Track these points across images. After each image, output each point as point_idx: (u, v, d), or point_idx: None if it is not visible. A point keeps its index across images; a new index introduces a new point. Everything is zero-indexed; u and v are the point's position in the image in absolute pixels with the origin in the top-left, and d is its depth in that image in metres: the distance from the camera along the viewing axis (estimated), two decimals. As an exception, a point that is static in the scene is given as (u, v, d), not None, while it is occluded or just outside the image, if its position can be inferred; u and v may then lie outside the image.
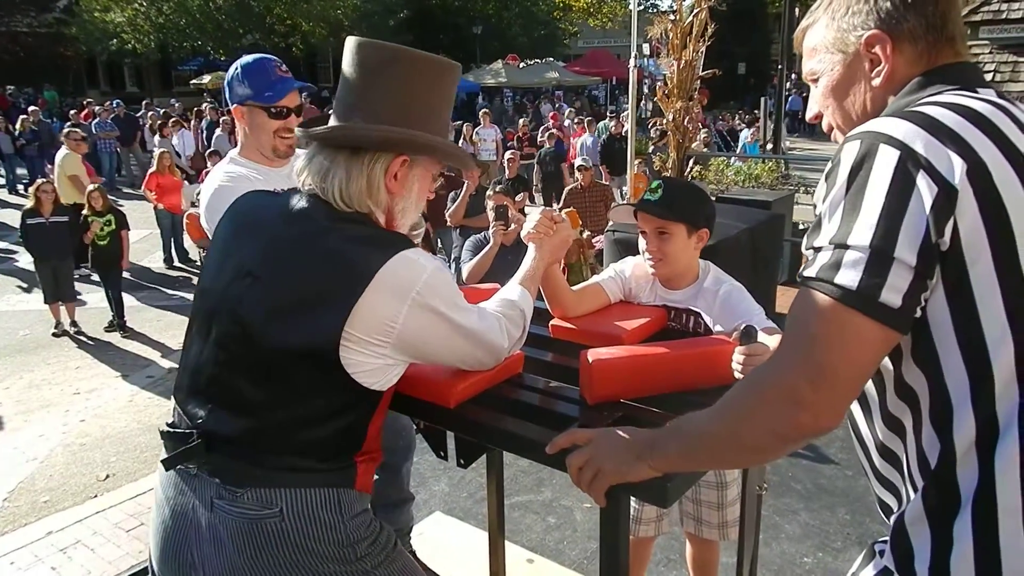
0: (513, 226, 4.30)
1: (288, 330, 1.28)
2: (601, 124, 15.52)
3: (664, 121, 5.20)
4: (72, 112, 17.13)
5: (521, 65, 26.41)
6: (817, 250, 0.92)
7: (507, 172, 8.74)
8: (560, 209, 1.89)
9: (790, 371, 0.92)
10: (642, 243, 2.06)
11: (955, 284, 0.88)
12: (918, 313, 0.90)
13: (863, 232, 0.87)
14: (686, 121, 5.10)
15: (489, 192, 4.85)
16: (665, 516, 2.36)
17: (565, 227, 1.75)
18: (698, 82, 5.07)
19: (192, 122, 15.66)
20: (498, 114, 20.01)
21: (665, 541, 2.99)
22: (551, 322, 1.93)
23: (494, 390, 1.60)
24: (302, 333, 1.27)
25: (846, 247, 0.88)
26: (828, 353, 0.89)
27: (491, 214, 4.28)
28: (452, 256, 6.97)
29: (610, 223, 6.78)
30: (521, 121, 15.38)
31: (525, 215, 5.99)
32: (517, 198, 6.95)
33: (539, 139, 14.07)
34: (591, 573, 2.53)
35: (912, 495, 0.98)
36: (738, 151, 12.13)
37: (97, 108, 16.39)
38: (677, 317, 2.03)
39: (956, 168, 0.86)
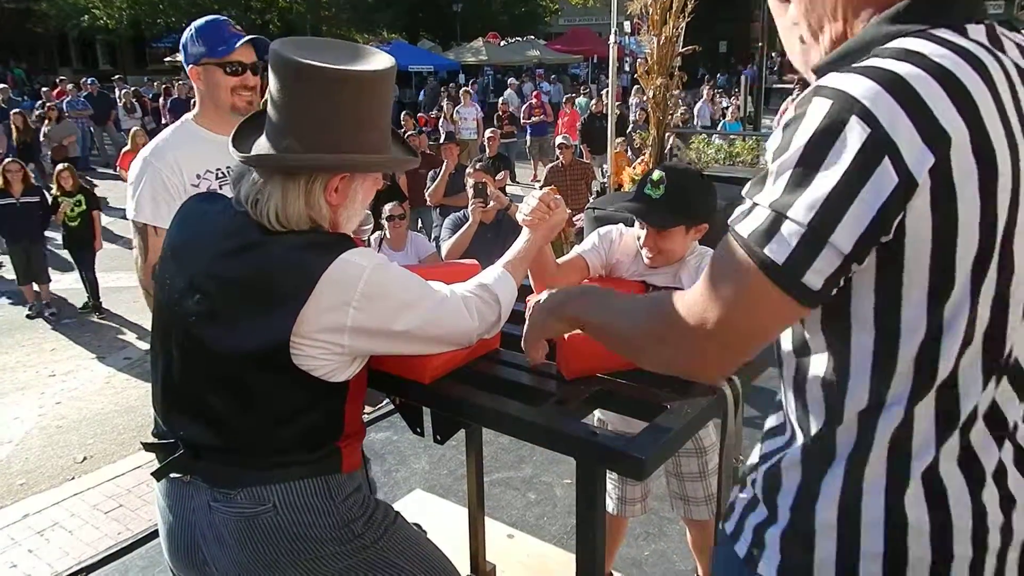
0: (492, 203, 4.28)
1: (238, 339, 1.30)
2: (581, 101, 15.46)
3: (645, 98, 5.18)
4: (44, 90, 16.78)
5: (502, 43, 26.18)
6: (754, 204, 0.88)
7: (488, 150, 8.70)
8: (541, 188, 1.86)
9: (694, 321, 0.93)
10: (638, 229, 2.02)
11: (888, 274, 0.87)
12: (834, 292, 0.89)
13: (805, 208, 0.82)
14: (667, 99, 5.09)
15: (469, 169, 4.82)
16: (648, 494, 2.38)
17: (560, 211, 1.73)
18: (678, 58, 5.06)
19: (160, 100, 15.37)
20: (432, 96, 19.48)
21: (644, 515, 3.02)
22: (528, 297, 1.92)
23: (470, 366, 1.59)
24: (252, 340, 1.29)
25: (784, 217, 0.84)
26: (734, 315, 0.90)
27: (470, 191, 4.26)
28: (432, 235, 6.95)
29: (590, 201, 6.78)
30: (501, 100, 15.28)
31: (505, 192, 5.97)
32: (498, 176, 6.92)
33: (522, 119, 14.00)
34: (571, 548, 2.54)
35: (790, 443, 1.02)
36: (719, 128, 12.16)
37: (70, 86, 16.05)
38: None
39: (925, 161, 0.80)
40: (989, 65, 0.86)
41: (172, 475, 1.41)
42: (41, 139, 12.41)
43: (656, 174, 1.96)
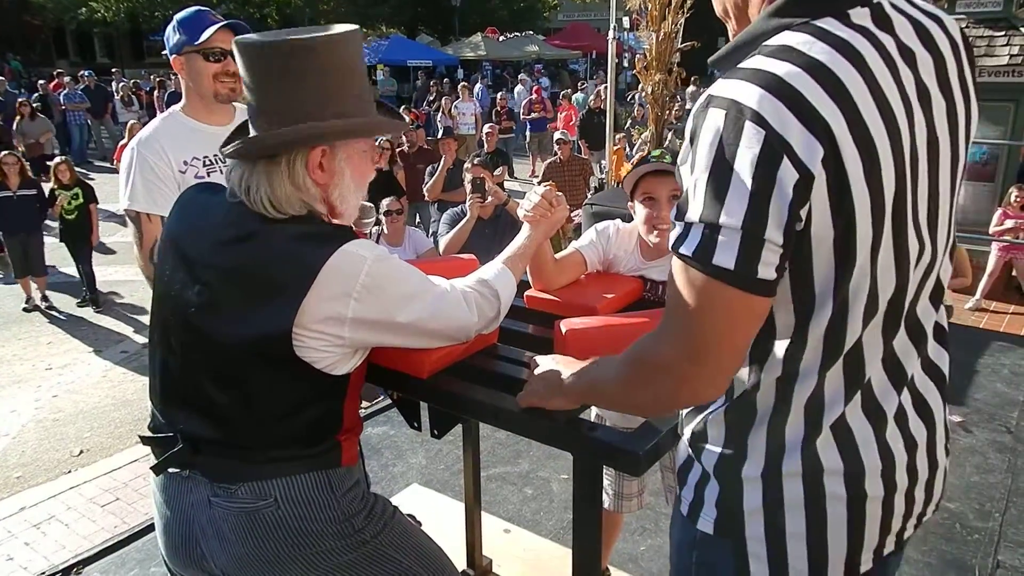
0: (490, 198, 4.28)
1: (239, 329, 1.29)
2: (579, 96, 15.44)
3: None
4: (41, 83, 16.72)
5: (500, 38, 26.14)
6: (688, 224, 0.92)
7: (486, 146, 8.69)
8: (539, 183, 1.87)
9: (671, 350, 0.96)
10: (642, 212, 2.01)
11: (800, 259, 0.93)
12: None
13: (733, 214, 0.87)
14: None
15: (467, 165, 4.82)
16: (646, 489, 2.38)
17: (562, 209, 1.73)
18: (677, 54, 5.06)
19: (156, 93, 15.29)
20: (423, 91, 19.30)
21: (640, 510, 3.03)
22: (526, 293, 1.92)
23: (468, 361, 1.59)
24: (253, 331, 1.28)
25: (718, 227, 0.88)
26: (708, 332, 0.92)
27: (468, 187, 4.25)
28: (430, 231, 6.94)
29: (588, 197, 6.77)
30: (499, 95, 15.25)
31: (503, 188, 5.95)
32: (496, 171, 6.91)
33: (522, 115, 13.98)
34: (567, 543, 2.55)
35: (713, 404, 1.09)
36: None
37: (67, 79, 15.99)
38: (653, 288, 2.03)
39: (816, 154, 0.85)
40: (865, 52, 0.92)
41: (170, 470, 1.40)
42: (15, 136, 11.93)
43: (656, 151, 2.03)
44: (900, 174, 0.93)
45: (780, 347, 1.00)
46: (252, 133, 1.35)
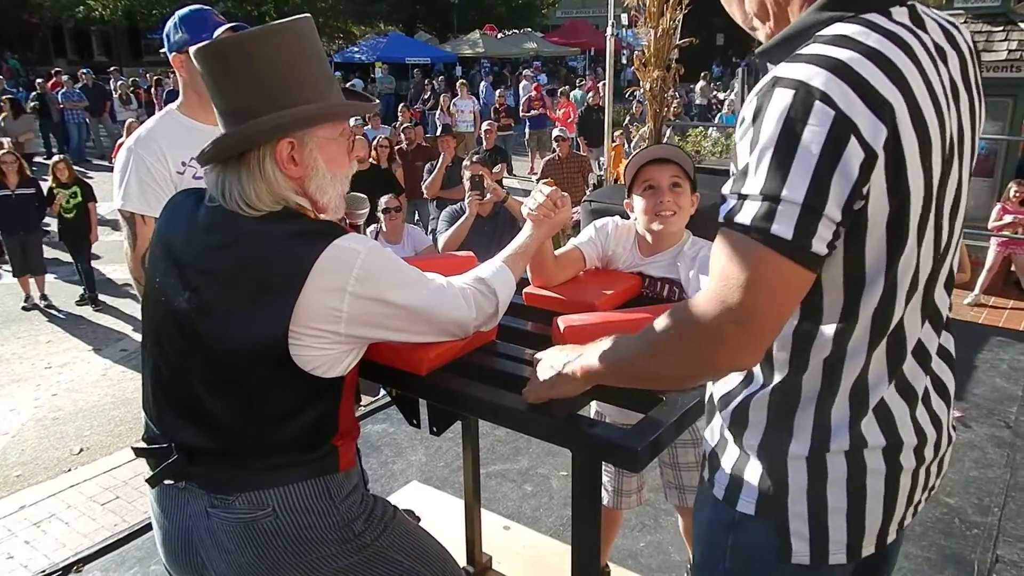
0: (489, 195, 4.28)
1: (234, 334, 1.27)
2: (577, 94, 15.44)
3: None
4: (39, 81, 16.70)
5: (499, 35, 26.12)
6: (743, 197, 0.95)
7: (484, 143, 8.69)
8: (538, 180, 1.87)
9: (717, 312, 0.96)
10: (642, 203, 2.01)
11: (854, 239, 0.97)
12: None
13: (795, 188, 0.90)
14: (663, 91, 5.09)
15: (465, 162, 4.82)
16: (645, 486, 2.38)
17: (566, 210, 1.73)
18: (675, 51, 5.05)
19: (153, 91, 15.27)
20: (418, 89, 19.15)
21: (640, 507, 3.03)
22: (525, 290, 1.92)
23: (467, 358, 1.59)
24: (249, 334, 1.26)
25: (778, 200, 0.91)
26: (757, 297, 0.94)
27: (467, 184, 4.25)
28: (429, 228, 6.95)
29: (587, 194, 6.77)
30: (498, 92, 15.25)
31: (502, 185, 5.94)
32: (495, 169, 6.91)
33: (522, 113, 13.98)
34: (567, 540, 2.56)
35: (754, 386, 1.11)
36: (716, 121, 12.14)
37: (65, 78, 15.96)
38: (651, 285, 2.03)
39: (880, 135, 0.90)
40: (913, 44, 0.97)
41: (166, 481, 1.38)
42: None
43: (653, 147, 2.07)
44: (942, 160, 0.98)
45: (828, 329, 1.03)
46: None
